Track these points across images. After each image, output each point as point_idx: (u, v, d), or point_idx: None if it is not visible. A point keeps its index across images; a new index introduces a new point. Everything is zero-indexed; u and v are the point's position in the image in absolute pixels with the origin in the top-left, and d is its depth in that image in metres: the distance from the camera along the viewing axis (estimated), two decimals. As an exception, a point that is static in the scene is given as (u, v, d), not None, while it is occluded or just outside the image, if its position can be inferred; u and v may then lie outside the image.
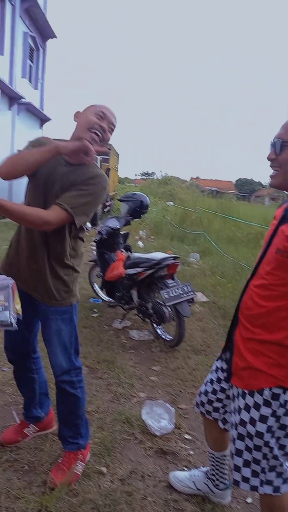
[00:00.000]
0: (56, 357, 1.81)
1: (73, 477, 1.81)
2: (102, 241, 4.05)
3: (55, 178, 1.71)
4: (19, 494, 1.72)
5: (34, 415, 2.08)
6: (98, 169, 1.74)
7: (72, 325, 1.82)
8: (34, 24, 15.69)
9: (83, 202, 1.63)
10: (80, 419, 1.88)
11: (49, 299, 1.76)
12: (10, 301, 1.53)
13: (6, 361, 2.83)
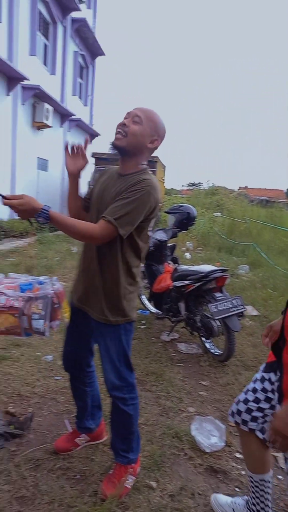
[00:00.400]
0: (106, 373, 1.82)
1: (123, 491, 1.83)
2: (149, 253, 4.09)
3: (107, 192, 1.75)
4: (71, 502, 1.77)
5: (85, 426, 2.12)
6: (145, 174, 1.68)
7: (121, 345, 1.79)
8: (83, 43, 16.36)
9: (126, 211, 1.59)
10: (132, 434, 1.88)
11: (98, 315, 1.78)
12: (47, 311, 1.60)
13: (59, 369, 2.96)
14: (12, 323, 1.60)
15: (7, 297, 1.61)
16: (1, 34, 9.82)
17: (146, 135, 1.69)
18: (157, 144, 1.74)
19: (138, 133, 1.67)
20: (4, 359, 3.09)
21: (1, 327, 1.60)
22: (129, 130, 1.67)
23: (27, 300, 1.61)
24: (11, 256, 7.14)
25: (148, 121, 1.68)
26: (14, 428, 2.22)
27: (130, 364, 1.84)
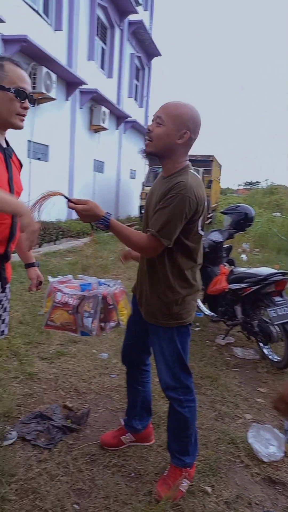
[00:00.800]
0: (160, 372, 1.84)
1: (177, 494, 1.82)
2: (204, 255, 4.03)
3: (153, 197, 1.77)
4: (126, 499, 1.79)
5: (132, 425, 2.14)
6: (182, 176, 1.64)
7: (174, 346, 1.78)
8: (140, 44, 16.55)
9: (165, 221, 1.59)
10: (188, 438, 1.87)
11: (150, 317, 1.81)
12: (97, 310, 1.63)
13: (114, 368, 3.02)
14: (66, 319, 1.66)
15: (63, 294, 1.66)
16: (62, 41, 10.19)
17: (172, 133, 1.63)
18: (189, 136, 1.65)
19: (162, 135, 1.64)
20: (62, 354, 3.20)
21: (57, 322, 1.66)
22: (153, 134, 1.66)
23: (81, 299, 1.65)
24: (69, 255, 7.39)
25: (170, 118, 1.63)
26: (71, 422, 2.30)
27: (185, 366, 1.83)
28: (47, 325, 1.70)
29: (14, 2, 8.00)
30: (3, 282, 1.75)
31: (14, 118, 1.61)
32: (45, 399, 2.56)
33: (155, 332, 1.82)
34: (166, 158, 1.70)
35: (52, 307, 1.67)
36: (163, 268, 1.72)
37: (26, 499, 1.75)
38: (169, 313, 1.75)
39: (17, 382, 2.72)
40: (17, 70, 1.58)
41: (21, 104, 1.59)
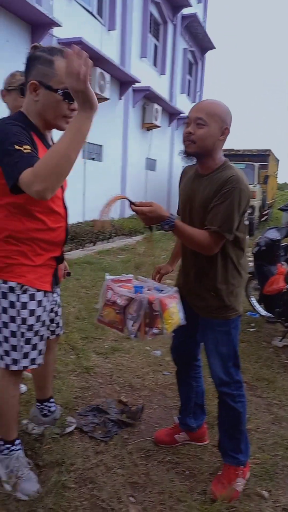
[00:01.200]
0: (214, 367, 1.85)
1: (233, 494, 1.81)
2: (261, 253, 3.93)
3: (193, 194, 1.77)
4: (181, 497, 1.81)
5: (186, 423, 2.14)
6: (229, 170, 1.67)
7: (230, 339, 1.81)
8: (193, 39, 16.34)
9: (226, 215, 1.62)
10: (240, 434, 1.87)
11: (205, 311, 1.82)
12: (139, 313, 1.62)
13: (167, 365, 3.04)
14: (113, 317, 1.68)
15: (113, 293, 1.69)
16: (115, 40, 10.34)
17: (215, 132, 1.67)
18: (228, 132, 1.70)
19: (206, 136, 1.66)
20: (116, 350, 3.28)
21: (106, 319, 1.71)
22: (196, 136, 1.66)
23: (128, 300, 1.66)
24: (121, 253, 7.52)
25: (211, 117, 1.65)
26: (126, 417, 2.36)
27: (238, 361, 1.85)
28: (98, 319, 1.75)
29: (69, 6, 8.24)
30: (57, 282, 1.84)
31: (60, 120, 1.55)
32: (101, 393, 2.64)
33: (210, 326, 1.83)
34: (207, 156, 1.72)
35: (103, 304, 1.72)
36: (215, 261, 1.74)
37: (84, 488, 1.82)
38: (224, 305, 1.77)
39: (75, 375, 2.83)
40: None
41: (68, 106, 1.52)
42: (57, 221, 1.65)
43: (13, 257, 1.58)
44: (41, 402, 2.15)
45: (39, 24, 6.97)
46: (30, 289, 1.62)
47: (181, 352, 2.07)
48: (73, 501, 1.74)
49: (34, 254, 1.61)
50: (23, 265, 1.60)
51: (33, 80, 1.49)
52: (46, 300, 1.72)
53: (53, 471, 1.87)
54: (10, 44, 6.71)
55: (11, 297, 1.60)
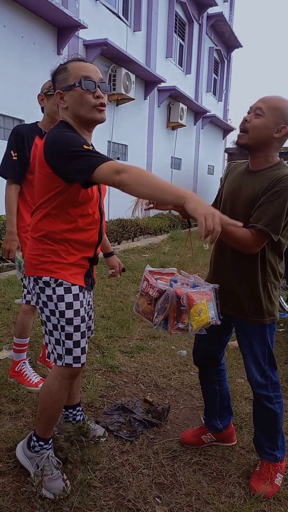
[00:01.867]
0: (250, 370, 1.81)
1: (274, 489, 1.81)
2: (290, 252, 3.83)
3: (239, 190, 1.72)
4: (208, 499, 1.77)
5: (213, 424, 2.10)
6: (281, 169, 1.62)
7: (265, 342, 1.78)
8: (219, 37, 16.20)
9: (275, 214, 1.56)
10: (278, 432, 1.85)
11: (241, 315, 1.77)
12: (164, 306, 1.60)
13: (193, 365, 2.98)
14: (146, 308, 1.67)
15: (147, 284, 1.68)
16: (140, 41, 10.37)
17: (271, 125, 1.59)
18: (286, 131, 1.62)
19: (260, 126, 1.60)
20: (141, 349, 3.26)
21: (140, 308, 1.71)
22: (250, 125, 1.62)
23: (160, 293, 1.64)
24: (146, 252, 7.51)
25: (271, 110, 1.59)
26: (152, 416, 2.33)
27: (274, 362, 1.82)
28: (135, 308, 1.75)
29: (94, 7, 8.32)
30: (92, 283, 1.85)
31: (93, 112, 1.57)
32: (126, 392, 2.62)
33: (244, 330, 1.80)
34: (259, 151, 1.66)
35: (139, 293, 1.73)
36: (254, 264, 1.69)
37: (110, 487, 1.80)
38: (261, 310, 1.73)
39: (100, 374, 2.83)
40: (80, 63, 1.57)
41: (93, 94, 1.55)
42: (91, 224, 1.67)
43: (46, 255, 1.63)
44: (67, 408, 2.08)
45: (66, 27, 7.07)
46: (64, 282, 1.64)
47: (204, 354, 2.01)
48: (98, 500, 1.72)
49: (67, 254, 1.65)
50: (55, 263, 1.64)
51: (57, 90, 1.60)
52: (83, 296, 1.72)
53: (79, 470, 1.87)
54: (37, 47, 6.83)
55: (48, 291, 1.65)
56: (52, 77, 1.65)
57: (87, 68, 1.57)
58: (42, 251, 1.64)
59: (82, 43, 7.87)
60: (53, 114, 2.34)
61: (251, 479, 1.86)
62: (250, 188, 1.66)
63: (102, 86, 1.59)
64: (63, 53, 7.33)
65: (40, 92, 2.41)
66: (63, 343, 1.67)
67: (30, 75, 6.76)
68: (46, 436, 1.79)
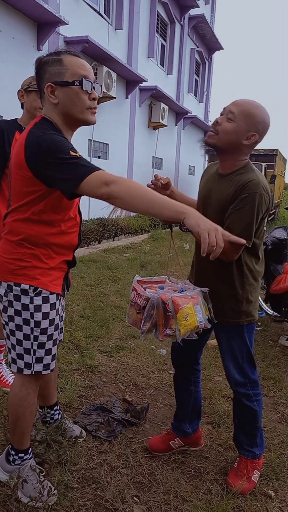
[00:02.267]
0: (229, 370, 1.83)
1: (251, 485, 1.83)
2: (267, 252, 3.88)
3: (210, 194, 1.73)
4: (186, 496, 1.78)
5: (182, 429, 2.07)
6: (249, 173, 1.61)
7: (244, 343, 1.79)
8: (200, 39, 16.31)
9: (246, 222, 1.57)
10: (257, 430, 1.88)
11: (219, 316, 1.76)
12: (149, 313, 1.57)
13: (173, 364, 3.01)
14: (135, 318, 1.65)
15: (135, 293, 1.66)
16: (122, 39, 10.34)
17: (241, 132, 1.59)
18: (255, 139, 1.61)
19: (230, 131, 1.59)
20: (121, 349, 3.25)
21: (131, 319, 1.69)
22: (221, 128, 1.61)
23: (147, 300, 1.63)
24: (127, 251, 7.50)
25: (243, 116, 1.58)
26: (130, 416, 2.32)
27: (253, 361, 1.84)
28: (128, 319, 1.72)
29: (75, 4, 8.24)
30: (68, 285, 1.79)
31: (86, 113, 1.51)
32: (105, 392, 2.61)
33: (223, 331, 1.81)
34: (226, 154, 1.67)
35: (130, 304, 1.70)
36: (231, 267, 1.70)
37: (88, 488, 1.79)
38: (240, 310, 1.75)
39: (79, 374, 2.81)
40: (77, 60, 1.49)
41: (89, 95, 1.49)
42: (73, 227, 1.63)
43: (26, 260, 1.55)
44: (44, 408, 2.05)
45: (46, 22, 6.97)
46: (43, 291, 1.58)
47: (182, 354, 2.01)
48: (75, 501, 1.71)
49: (48, 258, 1.58)
50: (36, 268, 1.56)
51: (48, 83, 1.47)
52: (59, 303, 1.68)
53: (56, 471, 1.85)
54: (16, 42, 6.72)
55: (24, 300, 1.56)
56: (40, 67, 1.50)
57: (85, 67, 1.50)
58: (22, 255, 1.54)
59: (62, 39, 7.78)
60: (33, 110, 2.30)
61: (229, 475, 1.88)
62: (220, 193, 1.67)
63: (96, 87, 1.53)
64: (43, 49, 7.24)
65: (20, 88, 2.37)
66: (34, 352, 1.60)
67: (9, 70, 6.64)
68: (24, 447, 1.72)
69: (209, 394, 2.58)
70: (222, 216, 1.65)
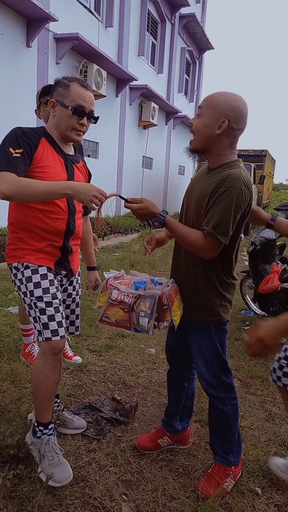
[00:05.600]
0: (199, 370, 1.81)
1: (223, 493, 1.79)
2: (256, 252, 3.93)
3: (194, 187, 1.73)
4: (174, 494, 1.79)
5: (171, 425, 2.07)
6: (231, 169, 1.58)
7: (212, 344, 1.75)
8: (191, 38, 16.34)
9: (223, 217, 1.53)
10: (231, 435, 1.83)
11: (188, 313, 1.77)
12: (153, 310, 1.61)
13: (162, 363, 3.03)
14: (121, 317, 1.66)
15: (119, 292, 1.66)
16: (112, 37, 10.31)
17: (209, 123, 1.57)
18: (226, 126, 1.55)
19: (200, 127, 1.61)
20: (110, 348, 3.26)
21: (112, 319, 1.68)
22: (193, 127, 1.64)
23: (136, 298, 1.65)
24: (116, 251, 7.50)
25: (208, 108, 1.58)
26: (119, 414, 2.33)
27: (225, 364, 1.79)
28: (101, 320, 1.71)
29: (65, 0, 8.19)
30: (69, 273, 1.92)
31: (70, 132, 1.78)
32: (94, 391, 2.61)
33: (193, 329, 1.79)
34: (208, 152, 1.66)
35: (108, 304, 1.67)
36: (201, 266, 1.68)
37: (76, 486, 1.80)
38: (207, 310, 1.73)
39: (68, 373, 2.81)
40: (80, 90, 1.74)
41: (78, 120, 1.75)
42: (56, 213, 1.77)
43: (14, 243, 1.81)
44: None
45: (35, 18, 6.92)
46: (30, 265, 1.77)
47: (176, 352, 2.01)
48: (64, 499, 1.71)
49: (33, 240, 1.77)
50: (22, 249, 1.79)
51: (52, 99, 1.78)
52: (52, 276, 1.81)
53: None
54: (5, 38, 6.65)
55: (19, 275, 1.79)
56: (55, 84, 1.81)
57: (85, 99, 1.75)
58: (12, 240, 1.82)
59: (52, 36, 7.73)
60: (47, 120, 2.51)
61: (201, 480, 1.83)
62: (203, 186, 1.64)
63: (91, 116, 1.80)
64: (33, 45, 7.18)
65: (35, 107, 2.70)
66: (39, 319, 1.75)
67: (-2, 67, 6.58)
68: (43, 421, 1.84)
69: (198, 393, 2.60)
70: (200, 207, 1.63)
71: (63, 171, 1.79)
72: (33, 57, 7.31)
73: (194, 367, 2.05)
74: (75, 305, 2.06)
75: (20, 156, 1.63)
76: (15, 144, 1.64)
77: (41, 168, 1.71)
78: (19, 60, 6.99)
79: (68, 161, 1.84)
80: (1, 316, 3.68)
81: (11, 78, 6.84)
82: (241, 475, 1.91)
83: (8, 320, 3.60)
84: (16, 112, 6.85)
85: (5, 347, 3.05)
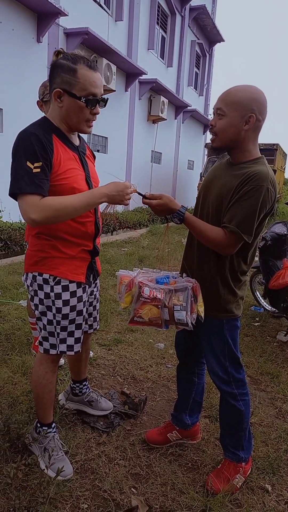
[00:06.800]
0: (211, 366, 1.80)
1: (232, 490, 1.79)
2: (267, 248, 3.89)
3: (214, 180, 1.69)
4: (183, 488, 1.80)
5: (181, 419, 2.07)
6: (257, 166, 1.56)
7: (223, 340, 1.75)
8: (201, 31, 16.16)
9: (247, 214, 1.52)
10: (242, 431, 1.82)
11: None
12: (188, 302, 1.60)
13: (170, 358, 3.03)
14: (155, 314, 1.63)
15: (151, 289, 1.64)
16: (122, 31, 10.25)
17: (236, 122, 1.55)
18: (254, 120, 1.54)
19: (226, 127, 1.57)
20: (119, 342, 3.27)
21: (145, 318, 1.64)
22: (217, 128, 1.59)
23: (167, 292, 1.63)
24: (125, 246, 7.50)
25: (230, 106, 1.55)
26: (128, 408, 2.34)
27: (237, 359, 1.79)
28: (133, 321, 1.67)
29: (77, -4, 8.15)
30: (95, 274, 1.88)
31: (83, 124, 1.63)
32: (103, 384, 2.63)
33: (205, 325, 1.76)
34: (234, 149, 1.63)
35: (140, 303, 1.64)
36: (216, 262, 1.67)
37: (86, 478, 1.81)
38: (220, 306, 1.72)
39: (78, 366, 2.82)
40: (90, 74, 1.53)
41: (91, 110, 1.59)
42: (85, 216, 1.67)
43: (46, 251, 1.67)
44: (74, 382, 2.27)
45: (46, 13, 6.91)
46: (62, 280, 1.69)
47: (186, 347, 2.00)
48: (74, 491, 1.73)
49: (65, 247, 1.67)
50: (55, 258, 1.67)
51: (58, 88, 1.56)
52: (82, 291, 1.76)
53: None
54: (16, 33, 6.66)
55: (46, 289, 1.69)
56: (54, 68, 1.56)
57: (96, 83, 1.56)
58: (41, 247, 1.67)
59: (62, 31, 7.71)
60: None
61: (211, 475, 1.83)
62: (226, 180, 1.62)
63: (101, 100, 1.61)
64: (43, 41, 7.17)
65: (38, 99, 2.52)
66: (57, 334, 1.74)
67: (8, 62, 6.59)
68: (46, 421, 1.88)
69: (207, 388, 2.60)
70: (220, 203, 1.61)
71: (80, 169, 1.68)
72: (44, 52, 7.30)
73: (204, 362, 2.05)
74: (96, 301, 2.03)
75: (41, 171, 1.48)
76: (32, 156, 1.47)
77: (62, 175, 1.58)
78: (30, 55, 6.99)
79: (81, 155, 1.73)
80: (13, 309, 3.71)
81: (22, 73, 6.84)
82: (251, 472, 1.91)
83: (20, 313, 3.63)
84: (26, 107, 6.86)
85: (17, 340, 3.07)
